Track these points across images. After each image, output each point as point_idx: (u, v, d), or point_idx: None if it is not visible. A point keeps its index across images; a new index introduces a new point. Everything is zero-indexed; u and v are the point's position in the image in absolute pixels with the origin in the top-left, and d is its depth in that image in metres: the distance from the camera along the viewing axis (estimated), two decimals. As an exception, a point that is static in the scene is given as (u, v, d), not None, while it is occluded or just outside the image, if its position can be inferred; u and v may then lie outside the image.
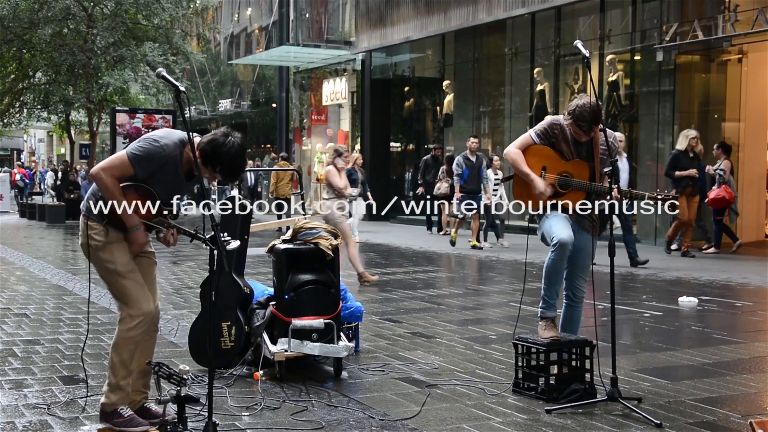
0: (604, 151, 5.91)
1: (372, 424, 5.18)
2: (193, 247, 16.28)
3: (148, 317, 4.90)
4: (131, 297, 4.86)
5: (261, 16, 36.16)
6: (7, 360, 6.87)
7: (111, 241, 4.84)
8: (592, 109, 5.70)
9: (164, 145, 4.76)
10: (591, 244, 6.04)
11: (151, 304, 4.93)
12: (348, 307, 6.96)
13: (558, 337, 5.86)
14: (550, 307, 5.95)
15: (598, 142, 5.92)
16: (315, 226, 6.67)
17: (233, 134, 4.81)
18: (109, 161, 4.81)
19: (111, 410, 4.89)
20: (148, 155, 4.73)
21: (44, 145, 68.67)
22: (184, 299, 10.10)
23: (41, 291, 10.91)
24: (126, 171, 4.74)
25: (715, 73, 18.01)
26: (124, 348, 4.87)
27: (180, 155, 4.79)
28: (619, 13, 19.31)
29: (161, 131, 4.93)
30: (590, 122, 5.73)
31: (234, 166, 4.81)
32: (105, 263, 4.86)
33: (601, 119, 5.76)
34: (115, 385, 4.90)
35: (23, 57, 29.38)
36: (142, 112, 24.83)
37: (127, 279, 4.87)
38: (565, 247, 5.80)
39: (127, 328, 4.86)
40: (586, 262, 6.05)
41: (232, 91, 38.32)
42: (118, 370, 4.89)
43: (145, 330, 4.90)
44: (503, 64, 22.37)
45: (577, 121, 5.74)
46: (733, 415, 5.38)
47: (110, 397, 4.90)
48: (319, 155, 30.77)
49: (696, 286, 11.37)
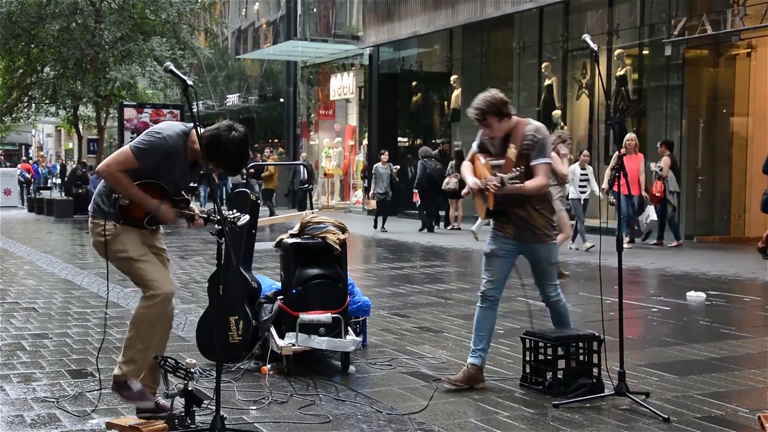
0: (527, 146, 5.67)
1: (379, 418, 5.18)
2: (201, 241, 16.31)
3: (169, 296, 4.93)
4: (150, 277, 4.90)
5: (268, 10, 36.15)
6: (15, 354, 6.89)
7: (119, 232, 4.87)
8: (480, 99, 5.66)
9: (167, 136, 4.78)
10: (543, 251, 5.80)
11: (170, 284, 4.97)
12: (356, 302, 6.96)
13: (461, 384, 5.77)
14: (473, 352, 5.90)
15: (517, 137, 5.70)
16: (323, 221, 6.66)
17: (237, 128, 4.80)
18: (113, 157, 4.83)
19: (122, 381, 4.92)
20: (151, 147, 4.75)
21: (52, 140, 68.81)
22: (192, 294, 10.12)
23: (49, 285, 10.94)
24: (131, 165, 4.75)
25: (724, 68, 17.95)
26: (142, 323, 4.90)
27: (184, 146, 4.80)
28: (627, 7, 19.27)
29: (163, 124, 4.96)
30: (475, 112, 5.67)
31: (235, 160, 4.83)
32: (117, 254, 4.89)
33: (489, 110, 5.63)
34: (129, 358, 4.93)
35: (31, 52, 29.44)
36: (150, 107, 24.84)
37: (142, 262, 4.90)
38: (485, 297, 5.86)
39: (147, 304, 4.90)
40: (545, 269, 5.87)
41: (240, 85, 38.33)
42: (134, 342, 4.92)
43: (163, 308, 4.92)
44: (511, 59, 22.34)
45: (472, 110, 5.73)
46: (741, 409, 5.36)
47: (122, 368, 4.93)
48: (326, 150, 30.77)
49: (704, 280, 11.35)
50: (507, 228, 5.81)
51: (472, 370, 5.84)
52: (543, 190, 5.71)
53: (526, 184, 5.58)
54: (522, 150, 5.66)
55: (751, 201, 17.35)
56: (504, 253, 5.83)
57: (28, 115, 32.98)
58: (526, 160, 5.65)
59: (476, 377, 5.85)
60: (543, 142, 5.68)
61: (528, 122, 5.78)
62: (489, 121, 5.68)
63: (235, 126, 4.81)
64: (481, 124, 5.75)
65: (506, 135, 5.74)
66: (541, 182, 5.63)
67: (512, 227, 5.79)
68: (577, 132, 20.24)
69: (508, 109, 5.70)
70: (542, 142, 5.67)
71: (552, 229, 5.84)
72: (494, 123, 5.69)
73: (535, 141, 5.65)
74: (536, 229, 5.75)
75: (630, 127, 19.35)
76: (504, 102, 5.69)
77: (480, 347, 5.88)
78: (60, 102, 29.82)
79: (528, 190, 5.61)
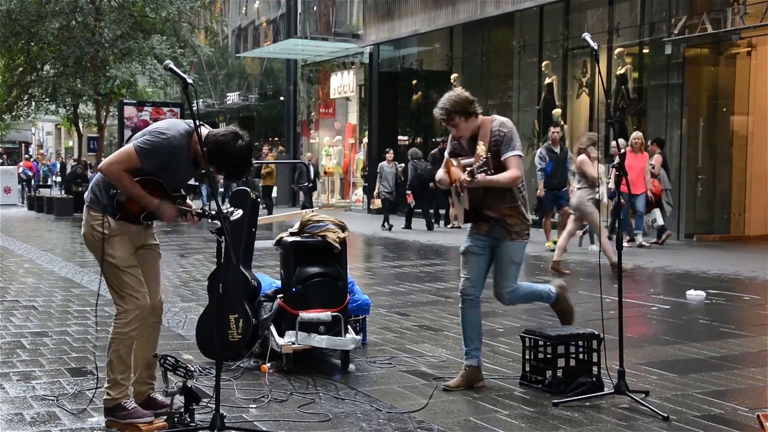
0: (496, 141, 5.62)
1: (379, 416, 5.19)
2: (200, 239, 16.31)
3: (144, 311, 4.89)
4: (128, 291, 4.86)
5: (269, 8, 36.13)
6: (15, 352, 6.89)
7: (113, 233, 4.83)
8: (446, 99, 5.63)
9: (171, 136, 4.74)
10: (510, 248, 5.73)
11: (147, 299, 4.91)
12: (355, 300, 6.96)
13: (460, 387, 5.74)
14: (467, 354, 5.89)
15: (485, 134, 5.65)
16: (323, 219, 6.66)
17: (243, 136, 4.75)
18: (116, 155, 4.80)
19: (113, 405, 4.91)
20: (155, 148, 4.72)
21: (52, 138, 68.78)
22: (192, 292, 10.12)
23: (49, 283, 10.94)
24: (133, 164, 4.73)
25: (724, 67, 17.94)
26: (121, 344, 4.88)
27: (187, 145, 4.77)
28: (627, 5, 19.26)
29: (166, 122, 4.90)
30: (441, 112, 5.65)
31: (238, 168, 4.81)
32: (106, 257, 4.85)
33: (455, 109, 5.60)
34: (114, 380, 4.91)
35: (31, 50, 29.42)
36: (150, 105, 24.82)
37: (126, 273, 4.86)
38: (465, 296, 5.84)
39: (122, 323, 4.87)
40: (507, 267, 5.78)
41: (240, 84, 38.31)
42: (116, 366, 4.90)
43: (140, 325, 4.90)
44: (511, 58, 22.32)
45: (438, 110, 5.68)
46: (740, 408, 5.37)
47: (110, 394, 4.91)
48: (327, 148, 30.76)
49: (704, 279, 11.35)
50: (481, 226, 5.79)
51: (469, 371, 5.84)
52: (516, 183, 5.64)
53: (499, 177, 5.54)
54: (491, 146, 5.61)
55: (751, 200, 17.37)
56: (479, 250, 5.80)
57: (28, 113, 32.94)
58: (496, 156, 5.60)
59: (475, 377, 5.86)
60: (510, 135, 5.62)
61: (493, 119, 5.74)
62: (456, 121, 5.66)
63: (240, 134, 4.75)
64: (448, 124, 5.72)
65: (474, 135, 5.71)
66: (514, 174, 5.57)
67: (486, 225, 5.76)
68: (577, 131, 20.22)
69: (474, 108, 5.67)
70: (509, 135, 5.62)
71: (525, 229, 5.77)
72: (461, 123, 5.67)
73: (502, 135, 5.61)
74: (508, 226, 5.70)
75: (630, 125, 19.34)
76: (470, 101, 5.66)
77: (472, 347, 5.86)
78: (60, 100, 29.80)
79: (501, 182, 5.56)
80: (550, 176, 14.66)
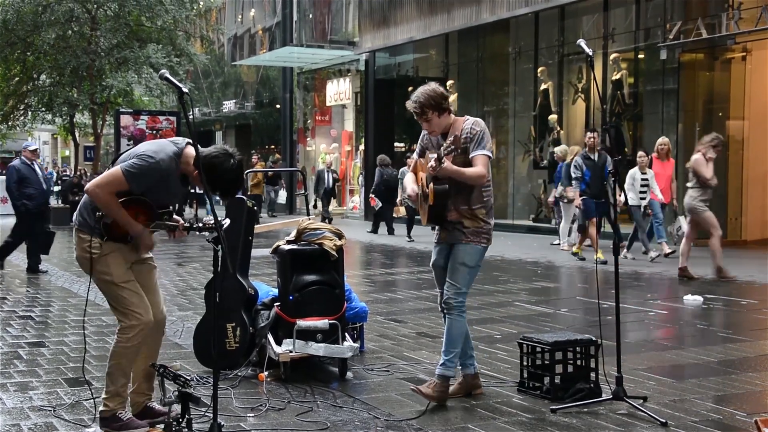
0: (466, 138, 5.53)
1: (377, 424, 5.18)
2: (197, 248, 16.30)
3: (147, 326, 4.90)
4: (129, 307, 4.87)
5: (264, 17, 36.17)
6: (12, 362, 6.88)
7: (105, 252, 4.84)
8: (419, 93, 5.54)
9: (160, 160, 4.74)
10: (461, 250, 5.61)
11: (149, 313, 4.92)
12: (353, 308, 6.96)
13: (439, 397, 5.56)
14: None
15: (456, 132, 5.55)
16: (319, 227, 6.67)
17: (234, 155, 4.77)
18: (104, 178, 4.80)
19: (110, 416, 4.91)
20: (142, 172, 4.72)
21: (49, 148, 68.74)
22: (189, 301, 10.11)
23: (46, 293, 10.92)
24: (121, 186, 4.74)
25: (719, 72, 17.98)
26: (123, 356, 4.89)
27: (176, 167, 4.79)
28: (622, 11, 19.30)
29: (154, 145, 4.89)
30: (414, 106, 5.56)
31: (230, 187, 4.82)
32: (101, 275, 4.87)
33: (428, 103, 5.51)
34: (114, 392, 4.91)
35: (27, 59, 29.46)
36: (146, 114, 24.83)
37: (124, 289, 4.88)
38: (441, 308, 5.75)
39: (126, 338, 4.87)
40: (457, 269, 5.63)
41: (236, 92, 38.32)
42: (117, 378, 4.91)
43: (143, 340, 4.90)
44: (507, 64, 22.35)
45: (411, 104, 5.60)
46: (738, 413, 5.37)
47: (109, 405, 4.92)
48: (323, 156, 30.77)
49: (701, 284, 11.35)
50: (441, 234, 5.74)
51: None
52: (481, 180, 5.52)
53: (465, 169, 5.45)
54: (461, 143, 5.52)
55: (747, 204, 17.37)
56: (443, 262, 5.75)
57: (24, 122, 32.98)
58: (465, 153, 5.52)
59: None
60: (481, 134, 5.53)
61: (466, 118, 5.66)
62: (429, 116, 5.57)
63: (232, 153, 4.77)
64: (420, 119, 5.64)
65: (446, 133, 5.60)
66: (480, 171, 5.47)
67: (444, 232, 5.70)
68: (573, 136, 20.24)
69: (447, 104, 5.60)
70: (480, 134, 5.53)
71: (481, 233, 5.61)
72: (434, 118, 5.58)
73: (474, 133, 5.52)
74: (463, 228, 5.58)
75: (626, 131, 19.37)
76: (444, 96, 5.57)
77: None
78: (56, 109, 29.83)
79: (466, 175, 5.45)
80: (589, 185, 13.60)
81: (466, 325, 5.77)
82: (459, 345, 5.68)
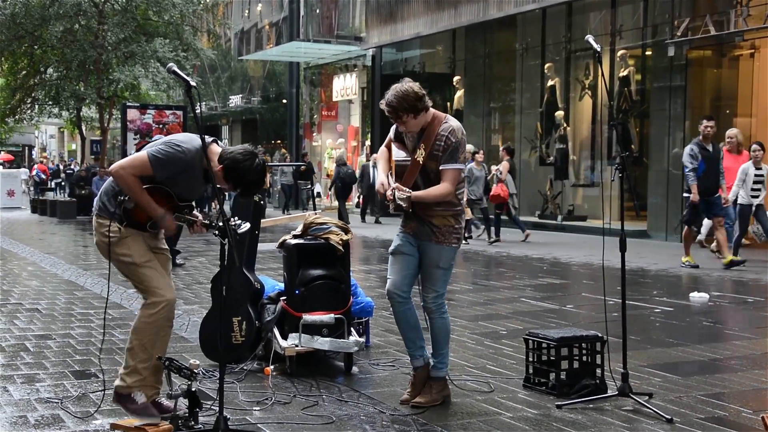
0: (439, 146, 5.28)
1: (382, 418, 5.19)
2: (203, 242, 16.32)
3: (171, 303, 4.94)
4: (152, 284, 4.91)
5: (271, 11, 36.18)
6: (19, 355, 6.90)
7: (124, 235, 4.88)
8: (392, 94, 5.25)
9: (186, 150, 4.79)
10: (434, 252, 5.42)
11: (172, 291, 4.98)
12: (358, 303, 6.96)
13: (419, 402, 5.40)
14: (411, 356, 5.63)
15: (430, 135, 5.30)
16: (326, 222, 6.67)
17: (259, 156, 4.83)
18: (129, 160, 4.85)
19: (126, 393, 4.92)
20: (169, 159, 4.76)
21: (55, 141, 68.91)
22: (195, 294, 10.12)
23: (53, 286, 10.95)
24: (145, 171, 4.77)
25: (727, 69, 17.95)
26: (145, 332, 4.90)
27: (200, 161, 4.82)
28: (630, 8, 19.27)
29: (183, 136, 4.96)
30: (387, 109, 5.29)
31: (251, 186, 4.88)
32: (121, 257, 4.89)
33: (401, 107, 5.22)
34: (132, 368, 4.92)
35: (34, 53, 29.51)
36: (153, 108, 24.82)
37: (146, 268, 4.91)
38: (391, 297, 5.56)
39: (149, 313, 4.89)
40: (431, 272, 5.46)
41: (243, 86, 38.36)
42: (137, 353, 4.91)
43: (165, 317, 4.93)
44: (514, 60, 22.34)
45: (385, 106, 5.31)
46: (744, 410, 5.36)
47: (126, 380, 4.92)
48: (329, 151, 30.77)
49: (707, 281, 11.34)
50: (409, 224, 5.52)
51: (418, 374, 5.56)
52: (446, 198, 5.30)
53: (429, 192, 5.27)
54: (432, 151, 5.29)
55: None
56: (408, 250, 5.51)
57: (31, 116, 33.06)
58: (435, 161, 5.29)
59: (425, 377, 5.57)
60: (456, 146, 5.27)
61: (445, 120, 5.36)
62: (404, 119, 5.28)
63: (256, 153, 4.83)
64: (395, 121, 5.38)
65: (424, 128, 5.35)
66: (446, 190, 5.26)
67: (413, 223, 5.49)
68: (581, 133, 20.23)
69: (424, 104, 5.26)
70: (455, 146, 5.27)
71: (453, 232, 5.42)
72: (409, 120, 5.27)
73: (448, 144, 5.25)
74: (433, 227, 5.38)
75: (633, 128, 19.36)
76: (419, 96, 5.23)
77: (414, 348, 5.59)
78: (63, 103, 29.86)
79: (432, 198, 5.28)
80: (702, 179, 12.19)
81: (448, 321, 5.64)
82: (447, 344, 5.60)
